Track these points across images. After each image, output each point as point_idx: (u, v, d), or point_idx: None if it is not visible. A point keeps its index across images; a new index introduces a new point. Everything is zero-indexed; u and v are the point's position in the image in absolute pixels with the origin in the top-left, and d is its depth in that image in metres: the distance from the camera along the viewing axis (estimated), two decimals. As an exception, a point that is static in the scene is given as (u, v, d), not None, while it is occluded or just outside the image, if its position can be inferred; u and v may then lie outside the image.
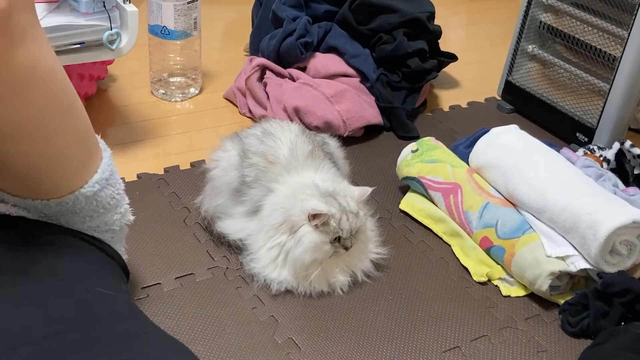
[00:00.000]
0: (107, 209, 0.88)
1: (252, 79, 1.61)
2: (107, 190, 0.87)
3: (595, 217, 1.11)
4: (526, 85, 1.70)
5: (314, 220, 1.06)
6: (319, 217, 1.06)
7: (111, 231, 0.91)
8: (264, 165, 1.16)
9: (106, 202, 0.87)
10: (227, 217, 1.19)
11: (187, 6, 1.56)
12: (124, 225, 0.93)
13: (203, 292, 1.11)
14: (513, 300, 1.16)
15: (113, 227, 0.91)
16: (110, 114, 1.59)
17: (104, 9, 1.30)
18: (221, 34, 2.07)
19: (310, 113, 1.50)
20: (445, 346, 1.06)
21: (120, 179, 0.92)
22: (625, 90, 1.46)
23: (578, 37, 1.57)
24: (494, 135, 1.32)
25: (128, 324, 0.77)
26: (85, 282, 0.79)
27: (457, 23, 2.31)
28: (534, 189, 1.19)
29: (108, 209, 0.88)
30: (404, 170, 1.36)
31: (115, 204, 0.89)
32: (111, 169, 0.87)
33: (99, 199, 0.85)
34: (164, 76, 1.67)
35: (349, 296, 1.13)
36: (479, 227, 1.22)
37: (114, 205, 0.89)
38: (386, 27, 1.66)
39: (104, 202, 0.87)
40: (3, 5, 0.65)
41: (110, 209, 0.89)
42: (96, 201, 0.85)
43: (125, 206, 0.93)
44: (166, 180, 1.37)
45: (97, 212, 0.87)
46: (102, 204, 0.87)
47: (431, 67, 1.67)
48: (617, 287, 1.08)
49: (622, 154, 1.39)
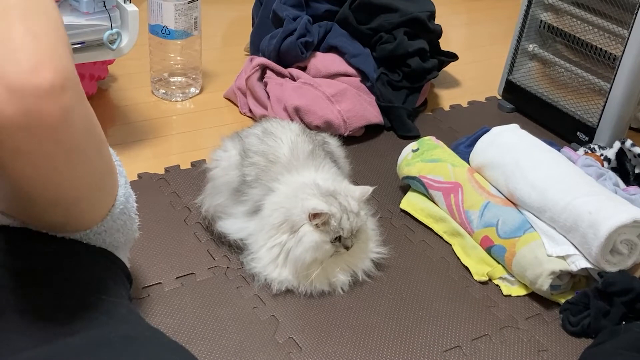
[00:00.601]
0: (127, 227, 0.89)
1: (253, 79, 1.61)
2: (123, 216, 0.88)
3: (596, 216, 1.10)
4: (527, 84, 1.70)
5: (315, 219, 1.06)
6: (319, 216, 1.06)
7: (120, 245, 0.91)
8: (265, 165, 1.16)
9: (127, 218, 0.88)
10: (227, 217, 1.19)
11: (187, 6, 1.56)
12: (130, 239, 0.94)
13: (204, 291, 1.11)
14: (514, 300, 1.16)
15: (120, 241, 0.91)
16: (110, 114, 1.59)
17: (105, 8, 1.30)
18: (222, 33, 2.07)
19: (311, 112, 1.50)
20: (446, 345, 1.06)
21: (133, 195, 0.92)
22: (625, 90, 1.46)
23: (579, 37, 1.57)
24: (495, 135, 1.32)
25: (129, 328, 0.77)
26: (88, 289, 0.80)
27: (458, 22, 2.31)
28: (534, 188, 1.19)
29: (129, 227, 0.89)
30: (404, 170, 1.36)
31: (130, 225, 0.90)
32: (128, 191, 0.88)
33: (122, 217, 0.86)
34: (165, 76, 1.67)
35: (350, 295, 1.13)
36: (479, 226, 1.22)
37: (129, 225, 0.90)
38: (387, 26, 1.66)
39: (126, 218, 0.88)
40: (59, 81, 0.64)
41: (131, 225, 0.90)
42: (120, 219, 0.86)
43: (137, 222, 0.94)
44: (167, 179, 1.37)
45: (119, 230, 0.87)
46: (124, 220, 0.87)
47: (432, 66, 1.67)
48: (618, 286, 1.08)
49: (623, 153, 1.39)
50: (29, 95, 0.62)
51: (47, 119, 0.63)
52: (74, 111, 0.66)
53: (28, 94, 0.61)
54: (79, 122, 0.68)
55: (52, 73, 0.63)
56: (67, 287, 0.78)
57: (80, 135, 0.69)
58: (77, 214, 0.79)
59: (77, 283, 0.80)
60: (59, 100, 0.63)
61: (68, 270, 0.80)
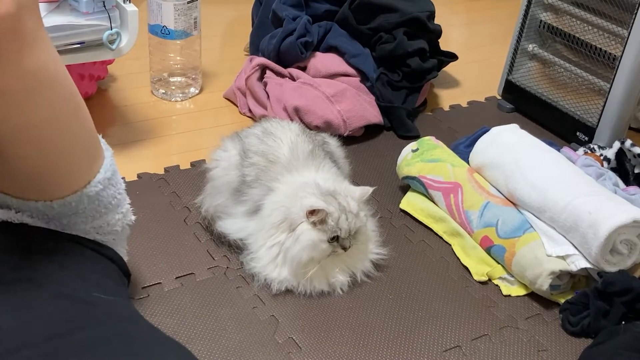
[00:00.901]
0: (108, 209, 0.88)
1: (253, 79, 1.61)
2: (109, 190, 0.87)
3: (596, 216, 1.10)
4: (526, 84, 1.70)
5: (311, 216, 1.06)
6: (316, 213, 1.06)
7: (113, 232, 0.91)
8: (265, 165, 1.16)
9: (108, 202, 0.87)
10: (227, 217, 1.19)
11: (187, 6, 1.56)
12: (125, 226, 0.94)
13: (203, 291, 1.11)
14: (513, 300, 1.16)
15: (115, 228, 0.91)
16: (110, 114, 1.59)
17: (104, 8, 1.30)
18: (221, 33, 2.07)
19: (311, 112, 1.50)
20: (445, 345, 1.06)
21: (121, 178, 0.92)
22: (625, 89, 1.46)
23: (578, 36, 1.57)
24: (495, 135, 1.32)
25: (128, 326, 0.77)
26: (86, 288, 0.79)
27: (457, 22, 2.31)
28: (534, 188, 1.19)
29: (110, 209, 0.88)
30: (404, 170, 1.36)
31: (116, 204, 0.89)
32: (113, 168, 0.88)
33: (101, 199, 0.86)
34: (164, 76, 1.67)
35: (350, 296, 1.13)
36: (479, 226, 1.22)
37: (115, 205, 0.89)
38: (386, 26, 1.66)
39: (106, 201, 0.87)
40: (11, 9, 0.65)
41: (112, 208, 0.89)
42: (98, 201, 0.85)
43: (126, 206, 0.93)
44: (166, 180, 1.37)
45: (99, 212, 0.87)
46: (104, 203, 0.87)
47: (431, 66, 1.67)
48: (618, 286, 1.08)
49: (623, 153, 1.39)
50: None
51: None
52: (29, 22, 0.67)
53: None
54: (36, 42, 0.68)
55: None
56: (63, 284, 0.78)
57: (40, 61, 0.69)
58: (51, 173, 0.78)
59: (75, 281, 0.79)
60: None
61: (65, 268, 0.80)
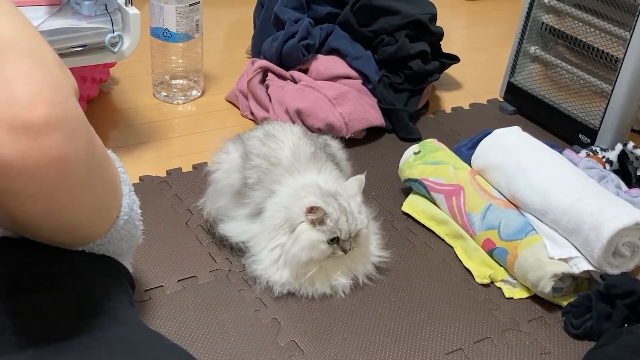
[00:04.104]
0: (132, 234, 0.89)
1: (254, 81, 1.61)
2: (133, 213, 0.87)
3: (598, 218, 1.10)
4: (528, 86, 1.70)
5: (310, 214, 1.06)
6: (314, 211, 1.06)
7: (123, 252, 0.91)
8: (266, 167, 1.16)
9: (131, 226, 0.88)
10: (229, 220, 1.19)
11: (189, 8, 1.56)
12: (134, 245, 0.94)
13: (205, 294, 1.11)
14: (516, 302, 1.16)
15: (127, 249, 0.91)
16: (112, 117, 1.59)
17: (106, 11, 1.30)
18: (223, 36, 2.07)
19: (312, 115, 1.50)
20: (447, 348, 1.06)
21: (137, 201, 0.92)
22: (627, 92, 1.46)
23: (580, 39, 1.57)
24: (497, 137, 1.32)
25: (131, 331, 0.77)
26: (89, 295, 0.80)
27: (459, 24, 2.31)
28: (536, 191, 1.19)
29: (133, 234, 0.89)
30: (406, 172, 1.36)
31: (135, 231, 0.90)
32: (132, 199, 0.88)
33: (127, 226, 0.86)
34: (166, 78, 1.67)
35: (352, 298, 1.13)
36: (481, 228, 1.22)
37: (136, 229, 0.90)
38: (388, 29, 1.66)
39: (130, 227, 0.87)
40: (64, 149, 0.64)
41: (135, 233, 0.90)
42: (124, 229, 0.86)
43: (141, 229, 0.94)
44: (168, 182, 1.37)
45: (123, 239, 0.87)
46: (128, 229, 0.87)
47: (433, 68, 1.67)
48: (620, 289, 1.08)
49: (625, 155, 1.38)
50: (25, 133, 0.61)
51: (44, 159, 0.62)
52: (73, 146, 0.65)
53: (24, 131, 0.61)
54: (79, 156, 0.66)
55: (47, 109, 0.62)
56: (67, 292, 0.78)
57: (82, 167, 0.68)
58: (81, 232, 0.79)
59: (78, 289, 0.79)
60: (55, 137, 0.62)
61: (69, 277, 0.80)
